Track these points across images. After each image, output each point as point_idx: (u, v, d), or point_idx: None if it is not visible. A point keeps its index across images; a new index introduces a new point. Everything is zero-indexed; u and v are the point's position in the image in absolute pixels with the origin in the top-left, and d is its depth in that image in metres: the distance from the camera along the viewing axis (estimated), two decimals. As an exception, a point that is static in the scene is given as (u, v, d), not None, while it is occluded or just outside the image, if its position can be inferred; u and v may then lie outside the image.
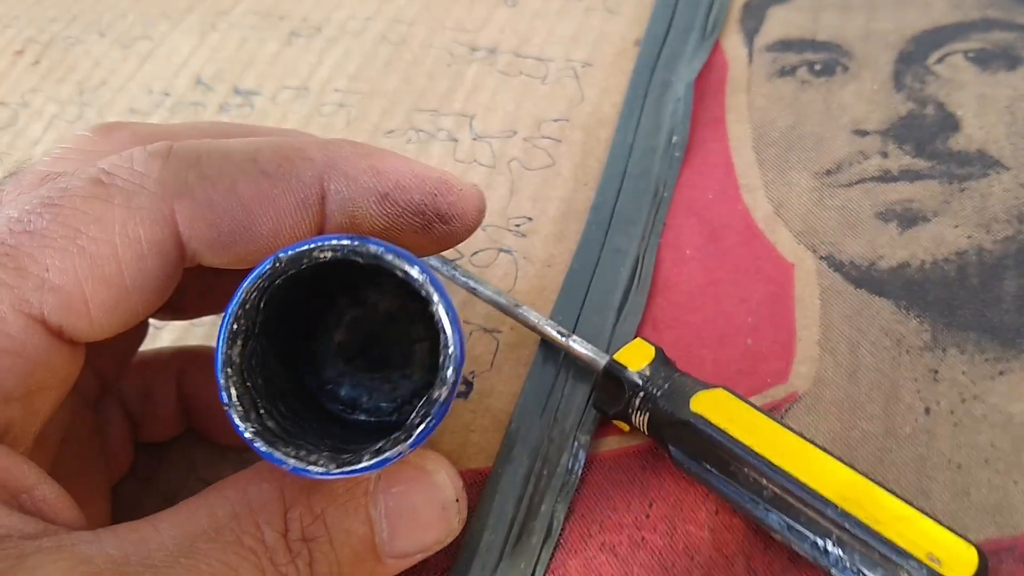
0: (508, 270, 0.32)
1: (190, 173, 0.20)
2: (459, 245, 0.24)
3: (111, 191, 0.20)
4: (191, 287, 0.27)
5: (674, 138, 0.34)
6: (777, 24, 0.38)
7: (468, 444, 0.29)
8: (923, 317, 0.29)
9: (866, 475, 0.24)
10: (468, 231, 0.23)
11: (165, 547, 0.19)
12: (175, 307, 0.27)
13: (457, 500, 0.23)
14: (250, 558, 0.20)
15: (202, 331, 0.32)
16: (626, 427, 0.27)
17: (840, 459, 0.24)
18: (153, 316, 0.27)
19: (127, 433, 0.28)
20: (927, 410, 0.27)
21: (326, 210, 0.21)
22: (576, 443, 0.28)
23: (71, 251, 0.19)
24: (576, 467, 0.27)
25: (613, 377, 0.27)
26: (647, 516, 0.26)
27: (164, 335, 0.32)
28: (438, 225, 0.22)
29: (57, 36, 0.43)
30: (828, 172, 0.33)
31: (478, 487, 0.28)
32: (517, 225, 0.33)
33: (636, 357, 0.27)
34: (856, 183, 0.32)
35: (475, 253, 0.33)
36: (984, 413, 0.27)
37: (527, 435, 0.28)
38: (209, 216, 0.20)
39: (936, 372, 0.28)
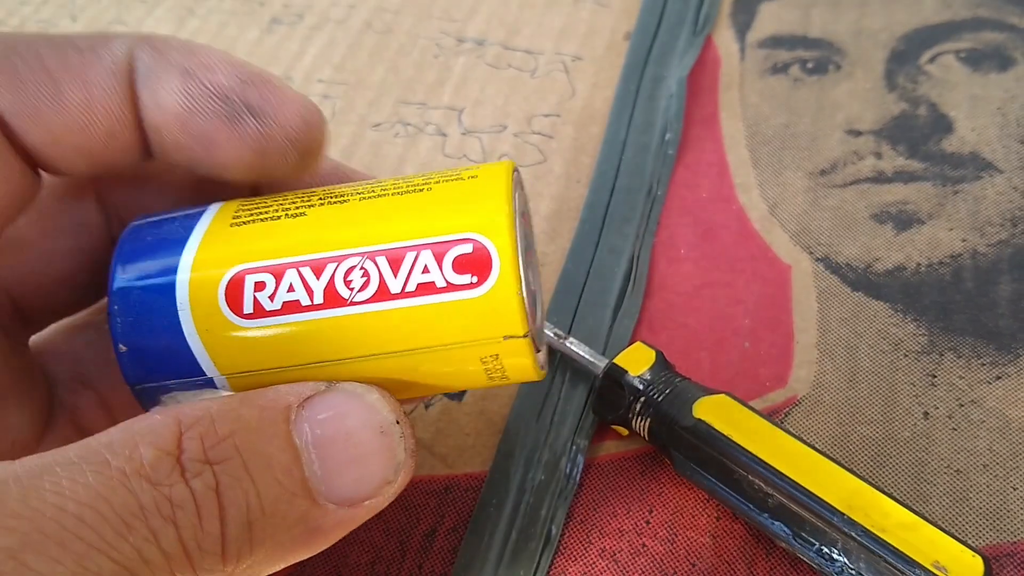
0: (500, 269, 0.32)
1: (1, 50, 0.20)
2: None
3: None
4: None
5: (667, 135, 0.33)
6: (769, 20, 0.37)
7: (463, 447, 0.28)
8: (920, 321, 0.29)
9: (869, 482, 0.24)
10: (293, 143, 0.21)
11: (13, 474, 0.16)
12: None
13: (398, 422, 0.19)
14: (115, 476, 0.16)
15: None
16: (625, 432, 0.27)
17: (844, 466, 0.24)
18: None
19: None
20: (925, 414, 0.27)
21: (135, 85, 0.20)
22: (574, 447, 0.27)
23: None
24: (575, 472, 0.27)
25: (613, 381, 0.27)
26: (647, 522, 0.26)
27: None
28: (247, 119, 0.20)
29: (28, 19, 0.41)
30: (823, 172, 0.33)
31: (474, 492, 0.27)
32: (509, 222, 0.33)
33: (636, 361, 0.27)
34: (851, 184, 0.32)
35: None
36: (982, 418, 0.27)
37: (524, 439, 0.28)
38: (13, 81, 0.20)
39: (934, 376, 0.28)
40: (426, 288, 0.19)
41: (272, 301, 0.19)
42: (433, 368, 0.20)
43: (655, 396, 0.26)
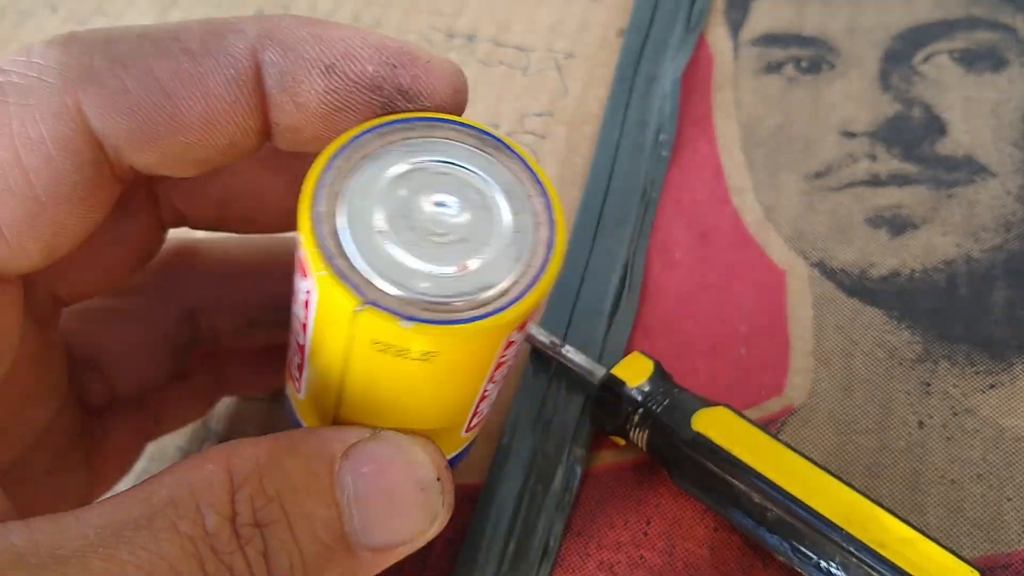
0: (494, 273, 0.31)
1: (96, 57, 0.18)
2: None
3: (5, 90, 0.17)
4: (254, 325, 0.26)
5: (661, 136, 0.33)
6: (762, 17, 0.37)
7: (459, 458, 0.28)
8: (915, 328, 0.29)
9: (868, 496, 0.24)
10: (437, 107, 0.19)
11: (84, 537, 0.16)
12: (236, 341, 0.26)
13: (439, 479, 0.20)
14: (186, 546, 0.17)
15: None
16: (622, 442, 0.27)
17: (842, 479, 0.24)
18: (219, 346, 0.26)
19: (134, 446, 0.26)
20: (920, 424, 0.27)
21: (264, 88, 0.18)
22: (571, 458, 0.27)
23: None
24: (572, 483, 0.27)
25: (611, 392, 0.26)
26: (645, 534, 0.26)
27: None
28: (402, 103, 0.18)
29: (6, 9, 0.40)
30: (817, 175, 0.32)
31: (470, 503, 0.27)
32: (502, 225, 0.32)
33: (634, 371, 0.27)
34: (846, 187, 0.32)
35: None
36: (976, 427, 0.27)
37: (520, 449, 0.27)
38: (123, 104, 0.18)
39: (928, 385, 0.28)
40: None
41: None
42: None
43: (654, 408, 0.26)
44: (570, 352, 0.28)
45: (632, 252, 0.31)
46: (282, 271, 0.23)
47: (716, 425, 0.25)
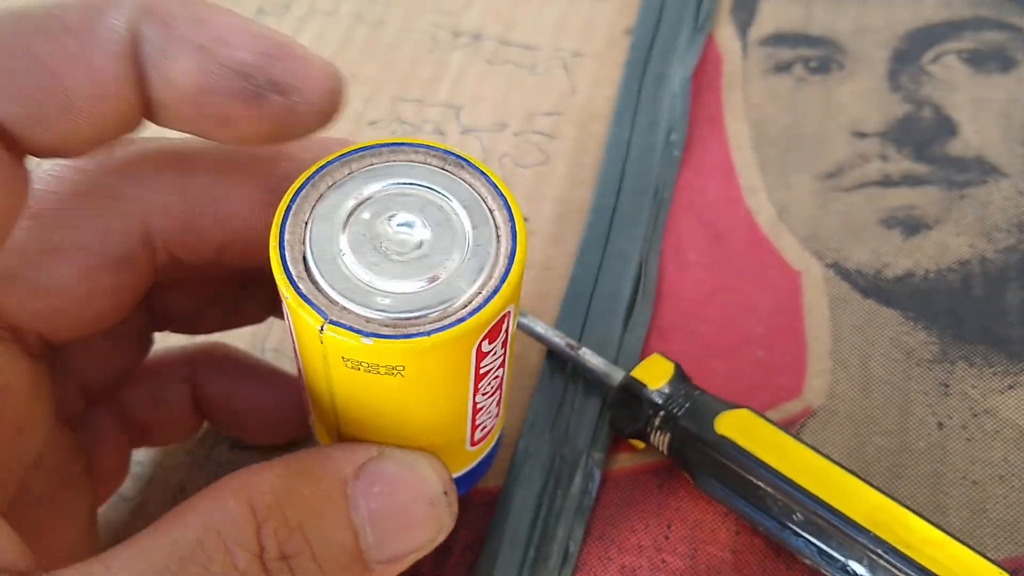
0: (505, 274, 0.31)
1: None
2: None
3: None
4: (212, 304, 0.25)
5: (672, 135, 0.33)
6: (770, 16, 0.37)
7: (475, 462, 0.27)
8: (931, 329, 0.29)
9: (893, 497, 0.23)
10: (317, 114, 0.19)
11: None
12: (192, 322, 0.25)
13: (446, 493, 0.21)
14: None
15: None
16: (642, 445, 0.27)
17: (867, 481, 0.24)
18: (174, 330, 0.25)
19: (122, 448, 0.26)
20: (940, 425, 0.27)
21: (141, 62, 0.18)
22: (590, 461, 0.27)
23: None
24: (591, 486, 0.26)
25: (631, 395, 0.26)
26: (666, 537, 0.26)
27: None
28: (272, 96, 0.18)
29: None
30: (829, 175, 0.32)
31: (488, 508, 0.27)
32: (512, 226, 0.32)
33: (655, 373, 0.26)
34: (858, 187, 0.32)
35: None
36: (996, 428, 0.27)
37: (537, 453, 0.27)
38: (11, 89, 0.17)
39: (947, 386, 0.28)
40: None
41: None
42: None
43: (675, 411, 0.25)
44: (587, 354, 0.28)
45: (646, 253, 0.31)
46: (224, 247, 0.23)
47: (739, 427, 0.25)
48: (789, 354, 0.29)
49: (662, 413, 0.26)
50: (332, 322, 0.18)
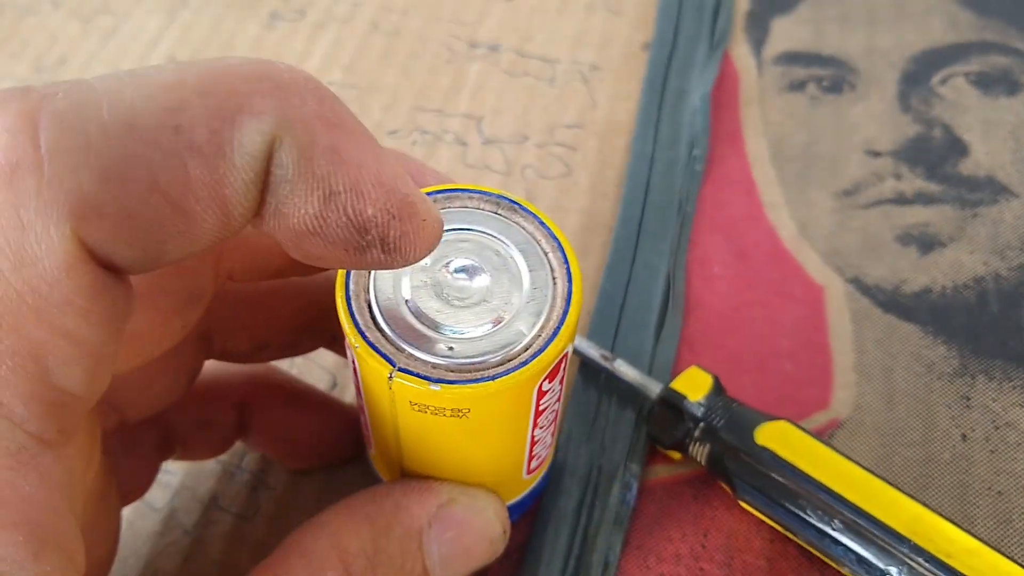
0: (532, 285, 0.31)
1: (83, 176, 0.14)
2: None
3: None
4: (269, 344, 0.25)
5: (694, 151, 0.33)
6: (782, 36, 0.38)
7: (511, 472, 0.28)
8: (950, 343, 0.30)
9: (930, 507, 0.24)
10: (403, 264, 0.17)
11: None
12: (247, 356, 0.25)
13: (504, 532, 0.22)
14: None
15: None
16: (678, 456, 0.27)
17: (905, 491, 0.24)
18: (226, 359, 0.25)
19: (154, 464, 0.26)
20: (964, 437, 0.28)
21: (266, 187, 0.15)
22: (627, 472, 0.27)
23: (5, 365, 0.14)
24: (628, 497, 0.27)
25: (671, 407, 0.26)
26: (703, 546, 0.26)
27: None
28: (375, 252, 0.16)
29: (4, 5, 0.38)
30: (846, 192, 0.33)
31: (528, 518, 0.27)
32: (538, 237, 0.32)
33: (694, 386, 0.27)
34: (873, 205, 0.33)
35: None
36: (1018, 440, 0.28)
37: (575, 464, 0.27)
38: (128, 233, 0.14)
39: (968, 399, 0.28)
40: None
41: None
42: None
43: (715, 422, 0.26)
44: (622, 366, 0.28)
45: (672, 266, 0.31)
46: (294, 295, 0.24)
47: (779, 438, 0.25)
48: (815, 367, 0.29)
49: (702, 425, 0.26)
50: (401, 369, 0.18)
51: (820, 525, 0.24)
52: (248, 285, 0.25)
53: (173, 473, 0.28)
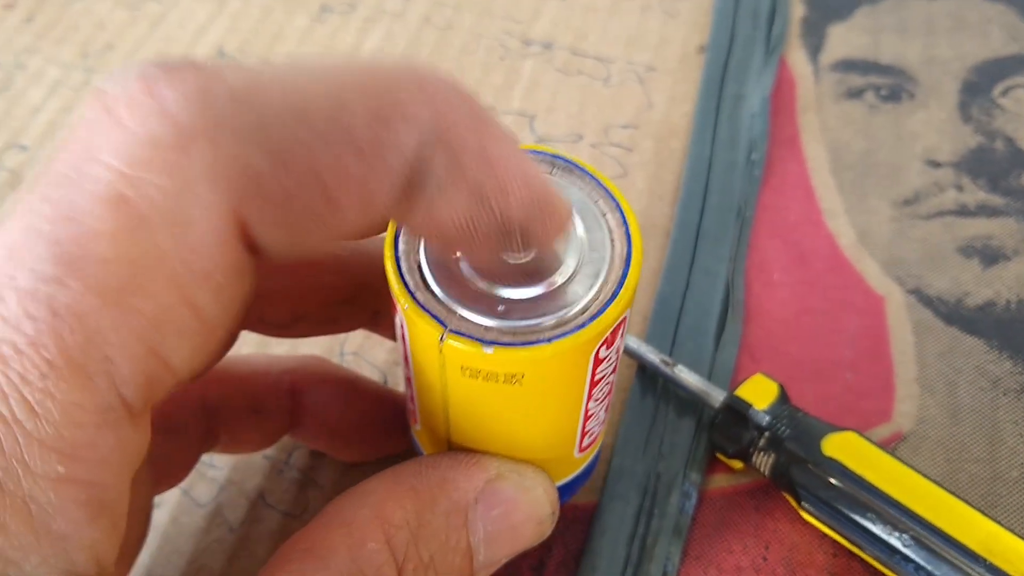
0: (587, 286, 0.31)
1: (254, 153, 0.14)
2: None
3: (144, 213, 0.14)
4: (309, 315, 0.24)
5: (753, 155, 0.33)
6: (839, 43, 0.37)
7: (567, 476, 0.27)
8: (1016, 359, 0.29)
9: (1006, 527, 0.23)
10: (532, 254, 0.18)
11: None
12: (285, 327, 0.24)
13: (553, 513, 0.21)
14: None
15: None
16: (740, 465, 0.26)
17: (979, 509, 0.24)
18: (263, 332, 0.24)
19: (194, 449, 0.25)
20: (1031, 455, 0.27)
21: (413, 192, 0.16)
22: (687, 481, 0.26)
23: (127, 323, 0.14)
24: (688, 506, 0.26)
25: (736, 415, 0.26)
26: (764, 559, 0.25)
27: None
28: (512, 243, 0.17)
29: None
30: (906, 202, 0.32)
31: (582, 525, 0.26)
32: (592, 238, 0.32)
33: (759, 394, 0.26)
34: (935, 215, 0.32)
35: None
36: (1088, 460, 0.27)
37: (632, 470, 0.27)
38: (286, 216, 0.15)
39: (1035, 416, 0.28)
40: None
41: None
42: None
43: (781, 431, 0.25)
44: (683, 372, 0.27)
45: (731, 271, 0.30)
46: (336, 266, 0.23)
47: (847, 449, 0.25)
48: (877, 378, 0.29)
49: (767, 434, 0.25)
50: (452, 331, 0.17)
51: (890, 540, 0.24)
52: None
53: (219, 468, 0.27)
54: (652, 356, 0.28)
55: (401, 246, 0.18)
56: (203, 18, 0.37)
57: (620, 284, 0.18)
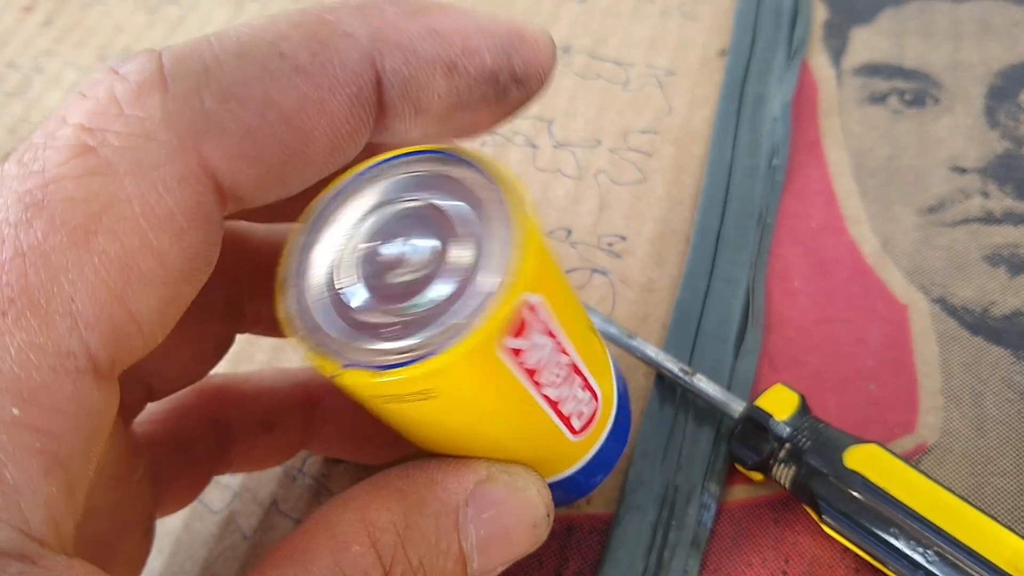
0: (604, 293, 0.30)
1: (204, 95, 0.15)
2: None
3: (107, 158, 0.15)
4: None
5: (774, 160, 0.32)
6: (862, 47, 0.36)
7: (584, 486, 0.27)
8: (1044, 370, 0.28)
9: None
10: (540, 88, 0.18)
11: None
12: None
13: (548, 514, 0.21)
14: None
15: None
16: (759, 477, 0.26)
17: (1007, 525, 0.23)
18: (259, 333, 0.24)
19: (205, 468, 0.25)
20: (1059, 469, 0.26)
21: (385, 99, 0.16)
22: (705, 492, 0.26)
23: (91, 262, 0.14)
24: (706, 518, 0.26)
25: (756, 426, 0.25)
26: (784, 573, 0.25)
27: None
28: (514, 90, 0.17)
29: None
30: (931, 209, 0.32)
31: (599, 535, 0.26)
32: (610, 244, 0.31)
33: (780, 404, 0.26)
34: (960, 223, 0.31)
35: (567, 273, 0.31)
36: (1117, 475, 0.26)
37: (650, 481, 0.26)
38: (248, 148, 0.15)
39: (1063, 429, 0.27)
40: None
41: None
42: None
43: (802, 444, 0.25)
44: (702, 381, 0.27)
45: (752, 278, 0.30)
46: None
47: (870, 463, 0.24)
48: (900, 389, 0.28)
49: (788, 446, 0.25)
50: (346, 366, 0.17)
51: (914, 555, 0.23)
52: (279, 245, 0.24)
53: (233, 475, 0.27)
54: (671, 365, 0.27)
55: (290, 291, 0.18)
56: (221, 21, 0.37)
57: (502, 274, 0.17)
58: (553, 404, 0.19)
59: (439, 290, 0.17)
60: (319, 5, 0.16)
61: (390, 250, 0.18)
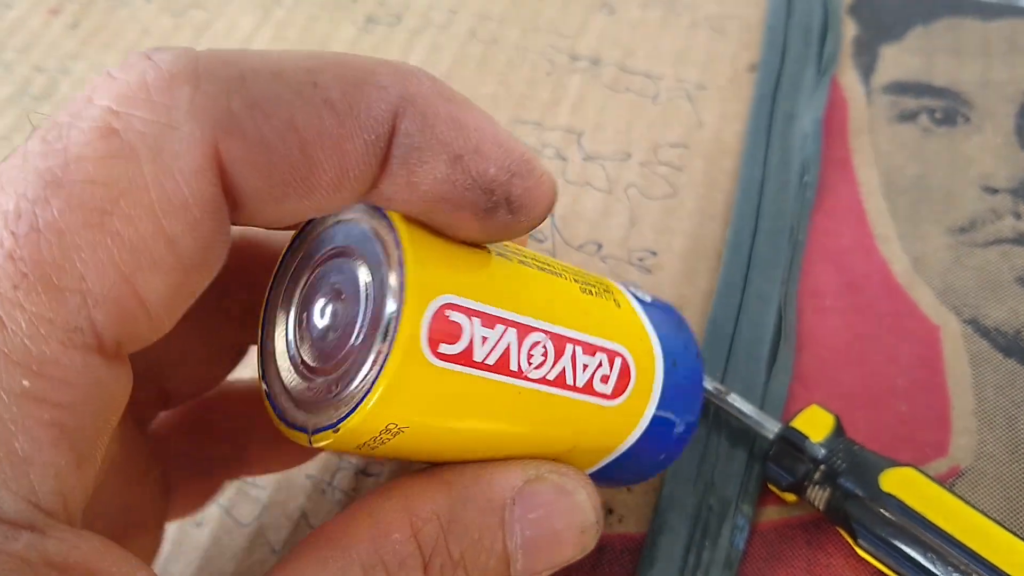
0: (634, 309, 0.30)
1: (233, 99, 0.15)
2: None
3: (130, 143, 0.15)
4: None
5: (805, 177, 0.32)
6: (892, 64, 0.36)
7: (616, 503, 0.26)
8: (1077, 394, 0.28)
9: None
10: (529, 229, 0.18)
11: None
12: None
13: (597, 521, 0.20)
14: None
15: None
16: (793, 498, 0.26)
17: (1045, 553, 0.23)
18: None
19: (217, 470, 0.25)
20: (1093, 494, 0.26)
21: (388, 156, 0.17)
22: (739, 513, 0.26)
23: (104, 243, 0.15)
24: (739, 539, 0.25)
25: (792, 447, 0.25)
26: (818, 596, 0.25)
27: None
28: (503, 213, 0.17)
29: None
30: (962, 229, 0.32)
31: (632, 555, 0.26)
32: (640, 259, 0.31)
33: (815, 426, 0.25)
34: (992, 243, 0.31)
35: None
36: None
37: (683, 500, 0.26)
38: (262, 160, 0.16)
39: (1098, 454, 0.27)
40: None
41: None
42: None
43: (837, 466, 0.25)
44: (737, 401, 0.27)
45: (783, 296, 0.30)
46: None
47: (906, 486, 0.24)
48: (932, 410, 0.28)
49: (823, 467, 0.25)
50: (312, 433, 0.17)
51: (951, 581, 0.23)
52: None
53: (262, 488, 0.27)
54: (707, 383, 0.27)
55: (267, 363, 0.19)
56: (248, 27, 0.37)
57: (399, 293, 0.17)
58: (556, 382, 0.19)
59: (359, 333, 0.17)
60: (362, 54, 0.17)
61: (318, 316, 0.18)
